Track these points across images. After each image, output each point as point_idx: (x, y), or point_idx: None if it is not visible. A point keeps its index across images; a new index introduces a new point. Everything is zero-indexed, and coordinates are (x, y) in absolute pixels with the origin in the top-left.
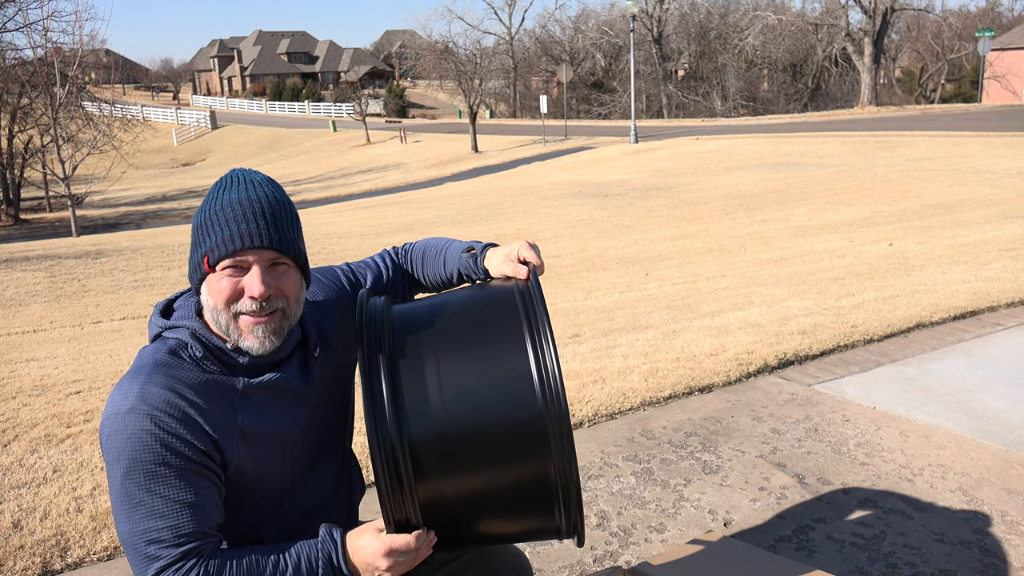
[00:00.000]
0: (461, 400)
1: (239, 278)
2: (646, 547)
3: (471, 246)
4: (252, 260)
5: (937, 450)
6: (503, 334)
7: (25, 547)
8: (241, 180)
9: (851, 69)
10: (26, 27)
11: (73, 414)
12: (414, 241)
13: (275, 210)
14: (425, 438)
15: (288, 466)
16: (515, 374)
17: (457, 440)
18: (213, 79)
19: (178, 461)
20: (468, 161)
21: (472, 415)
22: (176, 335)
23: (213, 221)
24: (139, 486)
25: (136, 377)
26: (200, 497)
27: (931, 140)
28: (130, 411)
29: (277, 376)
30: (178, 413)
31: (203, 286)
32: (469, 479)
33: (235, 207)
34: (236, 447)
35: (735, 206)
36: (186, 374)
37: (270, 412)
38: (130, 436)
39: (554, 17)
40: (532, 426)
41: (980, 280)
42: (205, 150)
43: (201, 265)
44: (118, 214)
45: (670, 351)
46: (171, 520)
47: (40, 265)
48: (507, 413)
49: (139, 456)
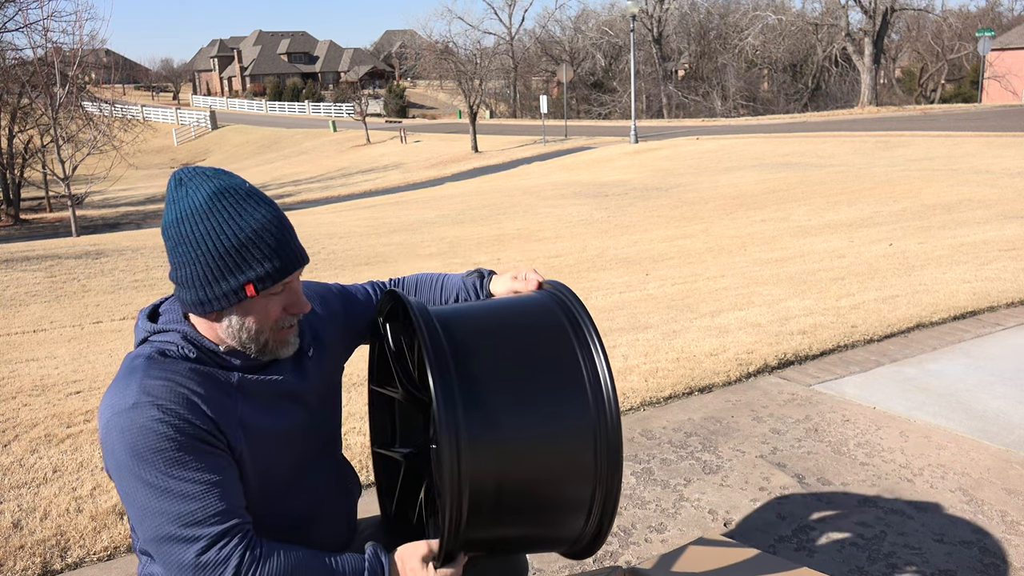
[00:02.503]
0: (527, 445)
1: (278, 296)
2: (646, 547)
3: (477, 270)
4: (294, 279)
5: (937, 450)
6: (561, 369)
7: (25, 547)
8: (256, 197)
9: (851, 69)
10: (26, 27)
11: (73, 414)
12: (402, 276)
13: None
14: (490, 480)
15: (286, 467)
16: (577, 426)
17: (517, 483)
18: (213, 79)
19: (195, 444)
20: (468, 161)
21: (534, 464)
22: (165, 339)
23: (257, 247)
24: (163, 474)
25: (131, 376)
26: (224, 476)
27: (931, 140)
28: (134, 406)
29: (272, 375)
30: (183, 400)
31: (232, 311)
32: (518, 516)
33: (273, 230)
34: (238, 436)
35: (735, 206)
36: (180, 367)
37: (267, 408)
38: (141, 429)
39: (554, 17)
40: (585, 482)
41: (980, 280)
42: (205, 150)
43: (241, 292)
44: (118, 214)
45: (670, 351)
46: (203, 500)
47: (40, 265)
48: (566, 468)
49: (156, 446)
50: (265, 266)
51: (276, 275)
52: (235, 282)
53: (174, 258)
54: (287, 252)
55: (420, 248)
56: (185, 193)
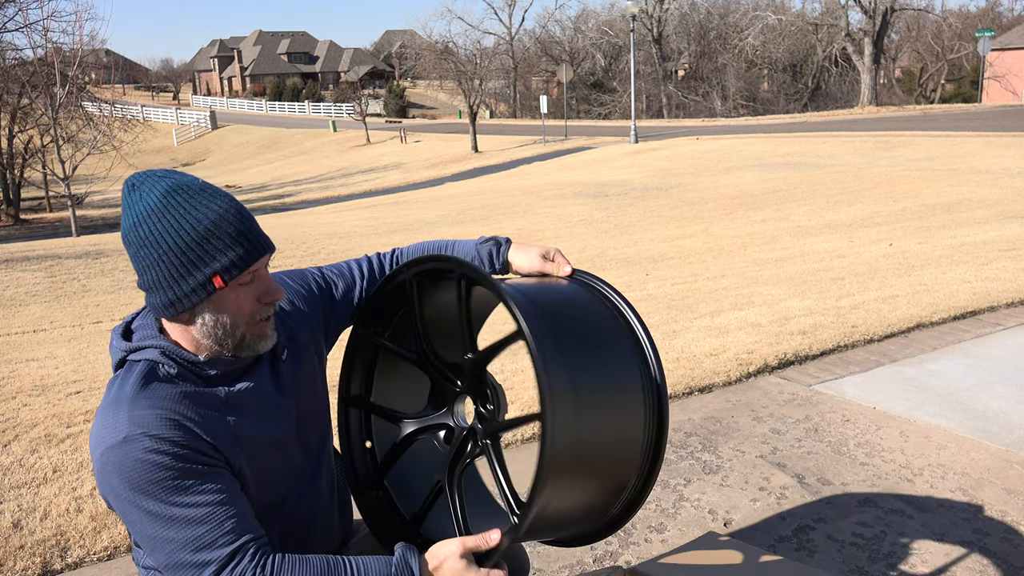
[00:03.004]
0: (601, 413)
1: (249, 287)
2: (646, 547)
3: (492, 237)
4: (260, 266)
5: (937, 450)
6: (617, 343)
7: (25, 547)
8: (209, 191)
9: (851, 69)
10: (26, 27)
11: (73, 414)
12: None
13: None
14: (573, 450)
15: (282, 474)
16: (630, 433)
17: (592, 449)
18: (213, 79)
19: (193, 468)
20: (468, 161)
21: (603, 429)
22: (143, 356)
23: (218, 237)
24: (164, 503)
25: (118, 408)
26: (228, 494)
27: (931, 140)
28: (125, 440)
29: (251, 384)
30: (174, 427)
31: (204, 308)
32: (587, 485)
33: (232, 218)
34: (235, 452)
35: (735, 206)
36: (166, 392)
37: (257, 418)
38: (136, 462)
39: (554, 17)
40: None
41: (980, 280)
42: (205, 150)
43: (209, 285)
44: (118, 214)
45: (670, 351)
46: (208, 524)
47: (40, 265)
48: (623, 432)
49: (153, 477)
50: (229, 255)
51: (240, 263)
52: (201, 276)
53: (138, 263)
54: (250, 239)
55: None
56: (139, 196)
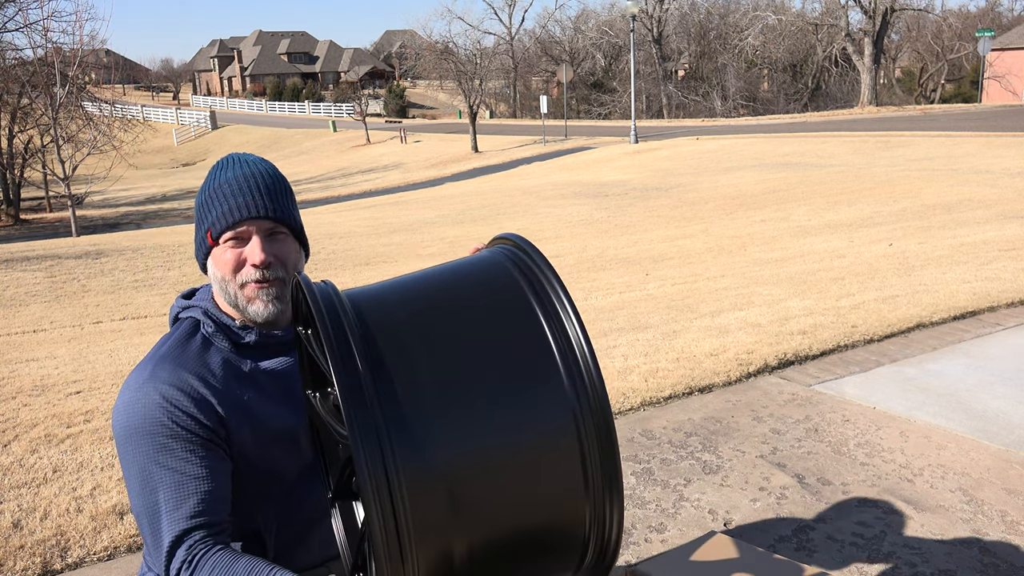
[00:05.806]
0: (490, 458)
1: (241, 248)
2: (646, 547)
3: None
4: (252, 230)
5: (937, 450)
6: (515, 322)
7: (25, 547)
8: (236, 160)
9: (851, 69)
10: (26, 27)
11: (73, 414)
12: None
13: (269, 183)
14: (431, 485)
15: (295, 470)
16: (551, 411)
17: (469, 483)
18: (213, 79)
19: (186, 435)
20: (468, 161)
21: (502, 485)
22: (189, 314)
23: (213, 198)
24: (149, 459)
25: (152, 358)
26: (209, 471)
27: (931, 140)
28: (142, 386)
29: (278, 366)
30: (187, 388)
31: (209, 262)
32: (483, 531)
33: (232, 183)
34: (241, 426)
35: (735, 206)
36: (196, 351)
37: (276, 401)
38: (143, 407)
39: (554, 17)
40: (575, 486)
41: (980, 280)
42: (205, 150)
43: (205, 240)
44: (118, 214)
45: (670, 351)
46: (178, 492)
47: (40, 265)
48: (545, 476)
49: (148, 429)
50: (214, 213)
51: (221, 220)
52: (201, 232)
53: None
54: (237, 200)
55: (420, 248)
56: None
